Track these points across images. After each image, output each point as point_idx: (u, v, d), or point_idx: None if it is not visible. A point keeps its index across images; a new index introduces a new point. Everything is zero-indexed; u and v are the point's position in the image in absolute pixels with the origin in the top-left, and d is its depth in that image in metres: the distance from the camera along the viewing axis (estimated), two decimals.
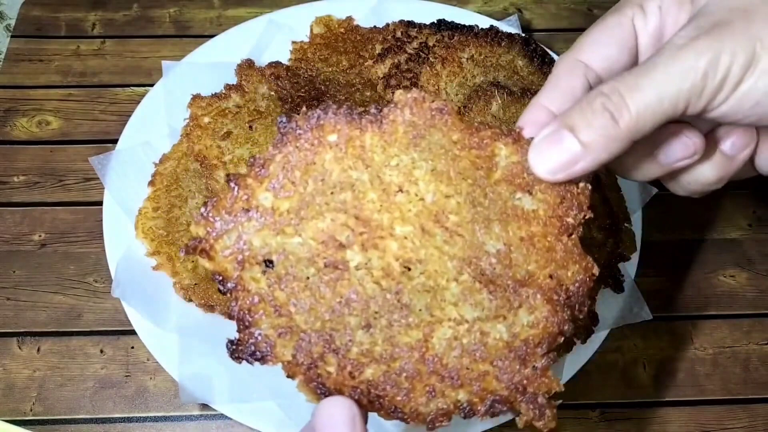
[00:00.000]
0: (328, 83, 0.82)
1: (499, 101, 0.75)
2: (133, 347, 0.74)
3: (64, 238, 0.81)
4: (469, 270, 0.37)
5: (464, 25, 0.83)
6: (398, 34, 0.83)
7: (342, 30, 0.88)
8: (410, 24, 0.84)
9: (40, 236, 0.81)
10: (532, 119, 0.40)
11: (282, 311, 0.36)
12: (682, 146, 0.41)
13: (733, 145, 0.41)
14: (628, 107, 0.36)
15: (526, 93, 0.78)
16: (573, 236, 0.39)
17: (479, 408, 0.36)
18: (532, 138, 0.40)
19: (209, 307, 0.70)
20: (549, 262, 0.38)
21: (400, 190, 0.38)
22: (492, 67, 0.80)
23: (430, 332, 0.37)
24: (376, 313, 0.36)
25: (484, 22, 0.87)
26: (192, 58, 0.85)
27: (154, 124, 0.79)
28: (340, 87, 0.81)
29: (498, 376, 0.37)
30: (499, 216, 0.38)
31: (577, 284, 0.39)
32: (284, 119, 0.38)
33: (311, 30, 0.88)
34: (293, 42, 0.87)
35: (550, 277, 0.38)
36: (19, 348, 0.74)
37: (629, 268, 0.73)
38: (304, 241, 0.37)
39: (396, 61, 0.79)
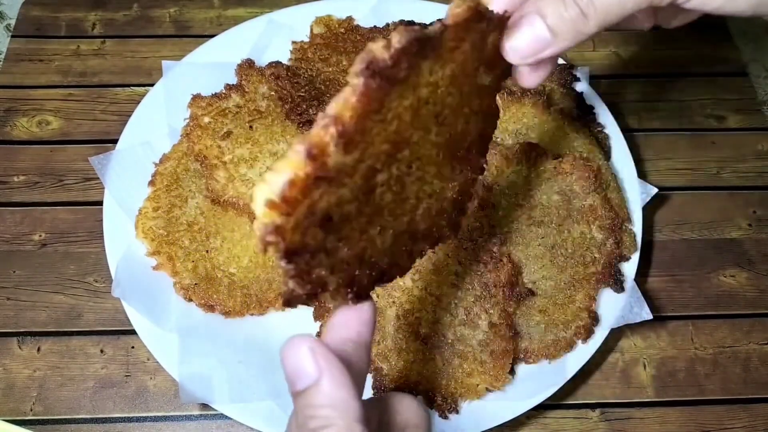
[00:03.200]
0: (328, 83, 0.82)
1: (499, 101, 0.75)
2: (133, 347, 0.74)
3: (64, 238, 0.81)
4: (445, 151, 0.41)
5: None
6: None
7: (342, 30, 0.88)
8: (410, 24, 0.83)
9: (40, 236, 0.81)
10: None
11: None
12: None
13: None
14: (595, 6, 0.39)
15: (526, 93, 0.78)
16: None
17: None
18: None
19: (209, 307, 0.70)
20: (483, 120, 0.43)
21: (427, 103, 0.39)
22: None
23: (415, 214, 0.40)
24: (386, 219, 0.39)
25: None
26: (192, 58, 0.85)
27: (154, 124, 0.79)
28: (340, 87, 0.81)
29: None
30: (476, 99, 0.41)
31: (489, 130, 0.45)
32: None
33: (311, 30, 0.88)
34: (293, 42, 0.87)
35: (480, 135, 0.44)
36: (20, 348, 0.74)
37: (629, 268, 0.73)
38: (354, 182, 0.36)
39: None
